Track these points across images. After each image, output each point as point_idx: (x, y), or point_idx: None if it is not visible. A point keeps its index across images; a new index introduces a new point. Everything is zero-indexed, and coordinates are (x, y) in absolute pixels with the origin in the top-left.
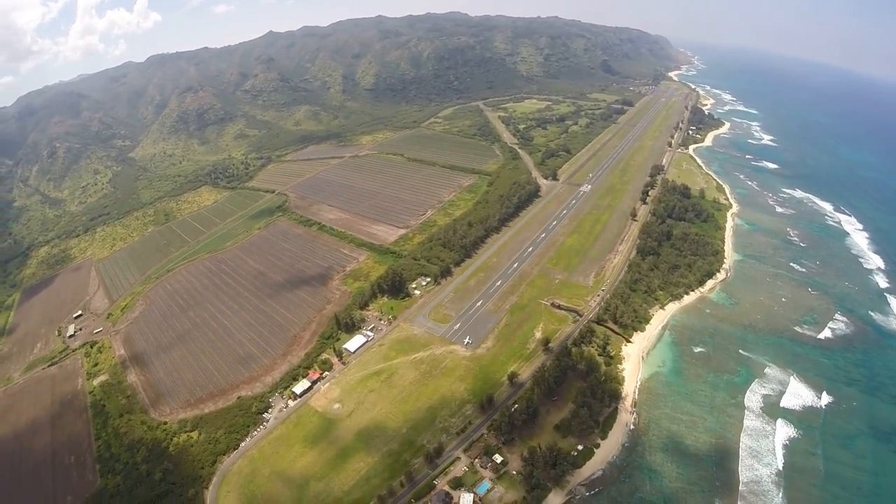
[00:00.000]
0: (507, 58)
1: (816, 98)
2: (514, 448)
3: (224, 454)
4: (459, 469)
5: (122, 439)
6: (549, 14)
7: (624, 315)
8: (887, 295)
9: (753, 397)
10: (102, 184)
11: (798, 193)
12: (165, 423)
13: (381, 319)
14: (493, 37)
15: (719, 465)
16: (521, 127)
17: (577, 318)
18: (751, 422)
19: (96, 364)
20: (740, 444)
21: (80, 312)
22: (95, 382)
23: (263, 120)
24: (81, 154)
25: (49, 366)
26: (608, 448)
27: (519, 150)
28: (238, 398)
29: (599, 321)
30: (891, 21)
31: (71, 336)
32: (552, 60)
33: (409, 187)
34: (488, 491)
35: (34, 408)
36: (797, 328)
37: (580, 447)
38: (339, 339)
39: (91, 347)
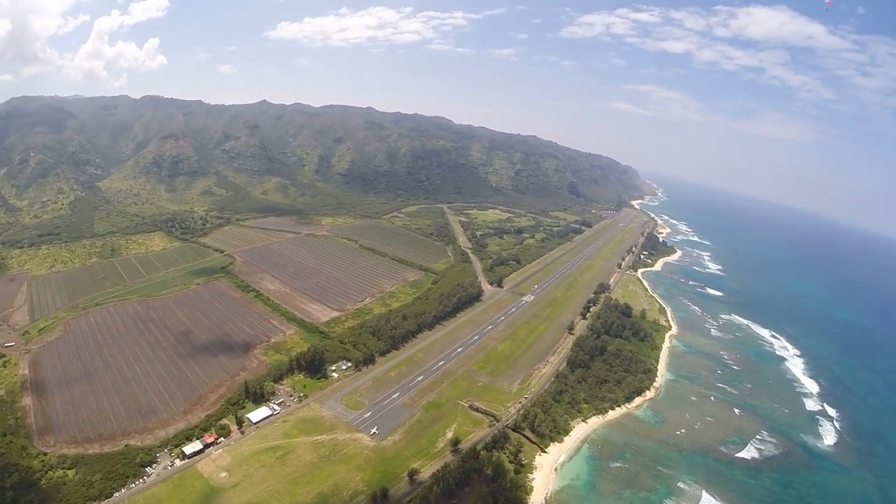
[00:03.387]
0: (480, 167)
1: (769, 233)
2: None
3: (95, 500)
4: None
5: None
6: (528, 133)
7: (542, 424)
8: (819, 418)
9: None
10: (62, 204)
11: (739, 320)
12: (45, 454)
13: (291, 396)
14: (471, 145)
15: None
16: (479, 233)
17: (494, 422)
18: None
19: None
20: None
21: None
22: None
23: (233, 182)
24: (51, 170)
25: None
26: None
27: (471, 255)
28: (126, 446)
29: (516, 428)
30: (842, 166)
31: None
32: (522, 175)
33: (355, 273)
34: None
35: None
36: (723, 448)
37: None
38: (244, 408)
39: None
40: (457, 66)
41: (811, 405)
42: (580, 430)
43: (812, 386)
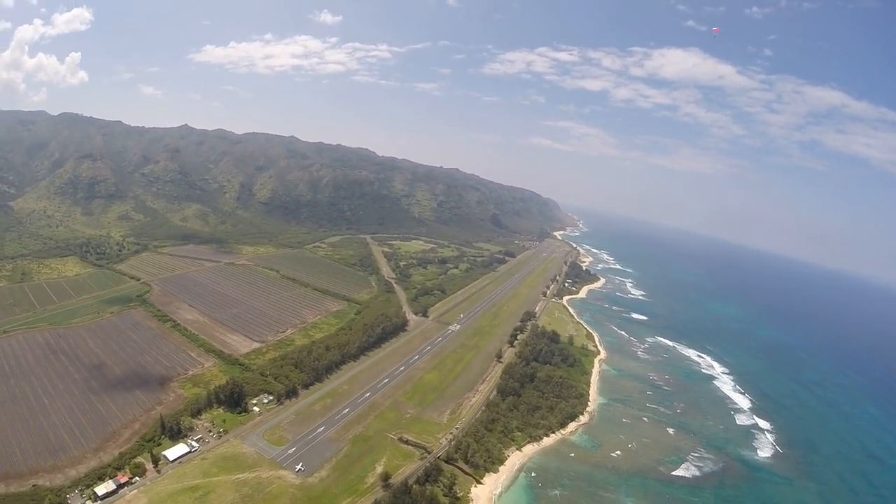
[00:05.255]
0: (402, 198)
1: (687, 260)
2: None
3: None
4: None
5: None
6: (451, 165)
7: (476, 454)
8: (753, 431)
9: None
10: None
11: (665, 342)
12: None
13: (211, 431)
14: (394, 177)
15: None
16: (402, 264)
17: (425, 454)
18: None
19: None
20: None
21: None
22: None
23: (152, 207)
24: None
25: None
26: None
27: (395, 285)
28: (33, 486)
29: (449, 460)
30: (754, 197)
31: None
32: (445, 207)
33: (276, 303)
34: None
35: None
36: (661, 468)
37: None
38: (160, 445)
39: None
40: (381, 99)
41: (744, 420)
42: (515, 458)
43: (743, 401)
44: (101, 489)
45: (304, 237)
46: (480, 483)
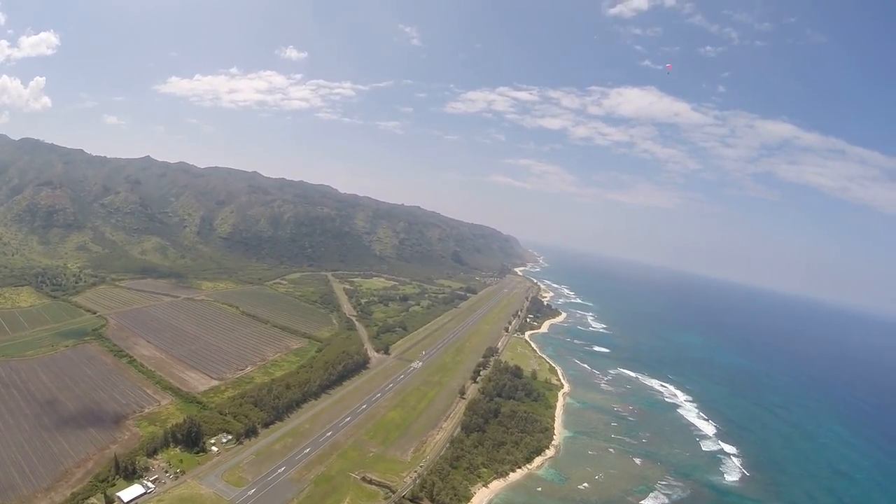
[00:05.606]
0: (364, 235)
1: (648, 292)
2: None
3: None
4: None
5: None
6: (412, 203)
7: (442, 492)
8: (720, 457)
9: None
10: None
11: (628, 373)
12: None
13: (167, 472)
14: (356, 214)
15: None
16: (364, 301)
17: (389, 493)
18: None
19: None
20: None
21: None
22: None
23: (111, 239)
24: None
25: None
26: None
27: (356, 322)
28: None
29: (414, 499)
30: (710, 228)
31: None
32: (407, 245)
33: (235, 340)
34: None
35: None
36: (630, 498)
37: None
38: (114, 485)
39: None
40: (344, 136)
41: (710, 446)
42: (482, 495)
43: (707, 428)
44: None
45: (265, 273)
46: None
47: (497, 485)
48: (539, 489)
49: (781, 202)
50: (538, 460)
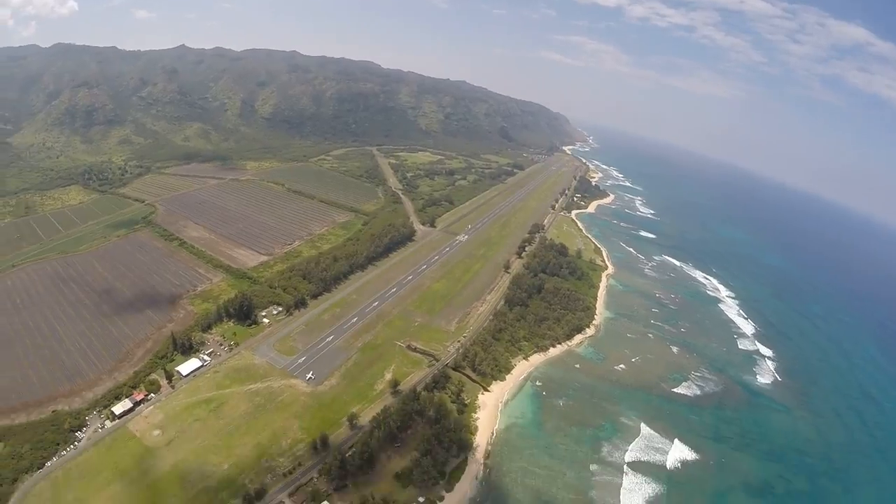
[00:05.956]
0: (409, 110)
1: (698, 183)
2: (346, 495)
3: (27, 472)
4: None
5: None
6: (458, 78)
7: (483, 363)
8: (755, 358)
9: (617, 452)
10: None
11: (673, 261)
12: None
13: (222, 345)
14: (400, 89)
15: None
16: (409, 175)
17: (433, 362)
18: (613, 477)
19: None
20: (603, 501)
21: None
22: None
23: (153, 129)
24: None
25: None
26: (453, 502)
27: (402, 196)
28: (53, 412)
29: (456, 367)
30: (770, 126)
31: None
32: (453, 119)
33: (283, 216)
34: None
35: None
36: (665, 385)
37: (421, 499)
38: (172, 361)
39: None
40: (387, 11)
41: (746, 345)
42: (522, 367)
43: (746, 326)
44: (118, 408)
45: (309, 150)
46: (488, 391)
47: (537, 358)
48: (577, 366)
49: (847, 109)
50: (578, 338)
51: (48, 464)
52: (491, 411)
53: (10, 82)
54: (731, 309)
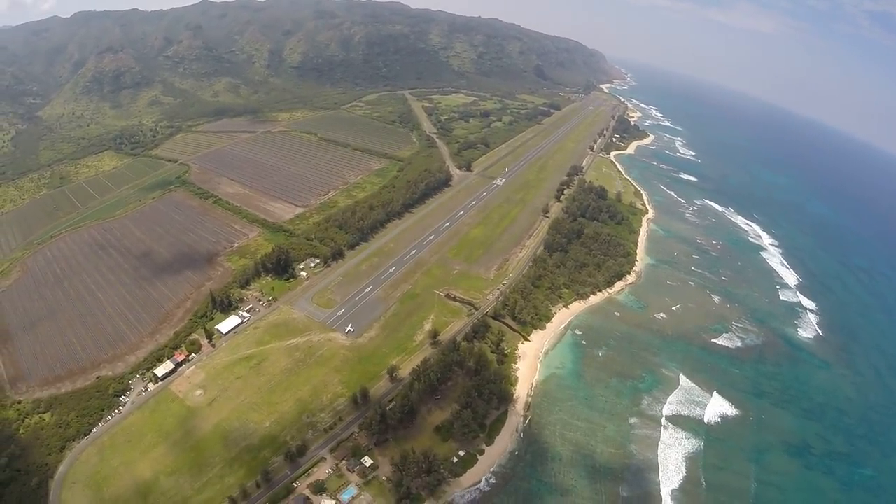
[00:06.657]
0: (440, 51)
1: (740, 123)
2: (386, 450)
3: (74, 440)
4: (323, 471)
5: None
6: (489, 16)
7: (523, 311)
8: (798, 310)
9: (656, 405)
10: (4, 141)
11: (714, 206)
12: (20, 402)
13: (260, 300)
14: (430, 29)
15: (618, 477)
16: (444, 118)
17: (473, 311)
18: (652, 431)
19: None
20: (642, 455)
21: None
22: None
23: (181, 88)
24: None
25: None
26: (494, 455)
27: (437, 140)
28: (97, 378)
29: (496, 316)
30: (816, 64)
31: None
32: (486, 59)
33: (316, 167)
34: (353, 498)
35: None
36: (707, 336)
37: (462, 453)
38: (212, 319)
39: None
40: None
41: (789, 296)
42: (562, 316)
43: (789, 277)
44: (160, 370)
45: (340, 97)
46: (528, 340)
47: (577, 306)
48: (618, 314)
49: None
50: (619, 285)
51: (94, 430)
52: (531, 362)
53: (35, 56)
54: (773, 258)
